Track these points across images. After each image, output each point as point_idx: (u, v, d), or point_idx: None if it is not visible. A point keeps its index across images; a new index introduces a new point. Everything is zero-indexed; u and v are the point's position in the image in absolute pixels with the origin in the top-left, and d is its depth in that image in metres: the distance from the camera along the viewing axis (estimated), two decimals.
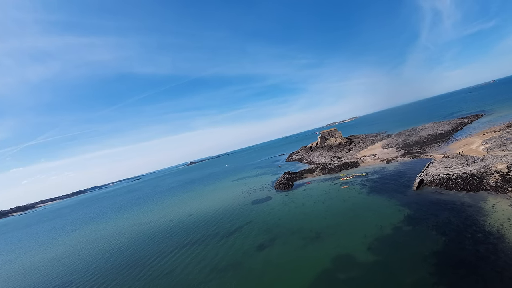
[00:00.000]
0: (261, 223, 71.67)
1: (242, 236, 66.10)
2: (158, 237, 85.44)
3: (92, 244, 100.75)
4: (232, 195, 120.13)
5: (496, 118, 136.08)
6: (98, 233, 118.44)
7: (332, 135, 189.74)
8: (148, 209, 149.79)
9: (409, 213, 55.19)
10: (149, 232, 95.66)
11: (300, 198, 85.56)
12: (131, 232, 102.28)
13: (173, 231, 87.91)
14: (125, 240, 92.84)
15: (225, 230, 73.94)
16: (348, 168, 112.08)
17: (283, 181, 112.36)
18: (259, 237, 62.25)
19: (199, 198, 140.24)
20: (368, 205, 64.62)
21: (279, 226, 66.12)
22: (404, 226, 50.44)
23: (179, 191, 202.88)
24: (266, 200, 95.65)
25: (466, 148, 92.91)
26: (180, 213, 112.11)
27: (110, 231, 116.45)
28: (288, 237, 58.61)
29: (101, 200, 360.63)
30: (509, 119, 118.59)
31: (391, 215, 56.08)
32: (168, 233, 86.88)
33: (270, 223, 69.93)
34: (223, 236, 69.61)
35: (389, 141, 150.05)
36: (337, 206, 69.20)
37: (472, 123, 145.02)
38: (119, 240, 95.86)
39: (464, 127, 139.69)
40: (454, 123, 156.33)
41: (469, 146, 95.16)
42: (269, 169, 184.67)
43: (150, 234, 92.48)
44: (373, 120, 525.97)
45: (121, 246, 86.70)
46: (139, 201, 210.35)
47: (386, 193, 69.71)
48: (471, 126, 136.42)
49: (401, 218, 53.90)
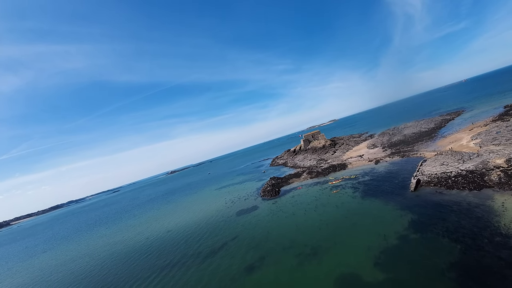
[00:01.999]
0: (249, 238, 63.67)
1: (228, 255, 57.83)
2: (133, 259, 75.45)
3: (61, 267, 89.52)
4: (214, 206, 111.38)
5: (478, 113, 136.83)
6: (69, 254, 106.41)
7: (315, 137, 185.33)
8: (123, 225, 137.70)
9: (413, 218, 49.58)
10: (123, 252, 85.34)
11: (289, 206, 78.50)
12: (104, 253, 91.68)
13: (150, 250, 78.22)
14: (96, 263, 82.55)
15: (208, 248, 65.28)
16: (336, 170, 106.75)
17: (269, 188, 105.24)
18: (248, 256, 54.26)
19: (178, 210, 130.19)
20: (365, 211, 58.64)
21: (269, 240, 58.49)
22: (411, 234, 44.61)
23: (158, 203, 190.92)
24: (252, 210, 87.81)
25: (455, 145, 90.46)
26: (157, 229, 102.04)
27: (82, 252, 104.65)
28: (280, 254, 51.13)
29: (77, 215, 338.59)
30: (492, 114, 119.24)
31: (393, 222, 50.23)
32: (144, 254, 77.08)
33: (258, 237, 62.08)
34: (206, 255, 60.98)
35: (373, 141, 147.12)
36: (331, 214, 62.73)
37: (454, 119, 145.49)
38: (90, 262, 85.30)
39: (447, 124, 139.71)
40: (436, 121, 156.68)
41: (458, 142, 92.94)
42: (253, 175, 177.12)
43: (124, 255, 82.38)
44: (353, 122, 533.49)
45: (92, 270, 76.50)
46: (115, 215, 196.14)
47: (382, 196, 64.21)
48: (454, 122, 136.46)
49: (405, 224, 48.14)
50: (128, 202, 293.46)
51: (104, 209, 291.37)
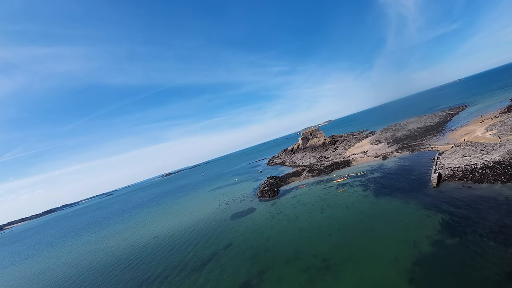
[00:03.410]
0: (244, 246, 53.47)
1: (219, 268, 47.53)
2: (112, 270, 65.48)
3: (38, 277, 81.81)
4: (207, 209, 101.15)
5: (484, 107, 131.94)
6: (49, 262, 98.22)
7: (314, 135, 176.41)
8: (109, 231, 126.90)
9: (444, 218, 40.56)
10: (103, 262, 76.03)
11: (291, 208, 68.56)
12: (84, 262, 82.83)
13: (132, 260, 68.04)
14: (73, 273, 74.11)
15: (196, 259, 54.89)
16: (340, 168, 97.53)
17: (266, 188, 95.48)
18: (242, 270, 43.97)
19: (168, 214, 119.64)
20: (382, 212, 49.29)
21: (269, 250, 48.35)
22: (447, 239, 35.54)
23: (148, 206, 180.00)
24: (249, 212, 77.69)
25: (469, 137, 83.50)
26: (144, 235, 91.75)
27: (62, 260, 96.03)
28: (284, 268, 41.03)
29: (68, 219, 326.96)
30: (499, 107, 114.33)
31: (421, 224, 41.02)
32: (126, 264, 67.04)
33: (256, 245, 51.88)
34: (193, 268, 50.64)
35: (376, 137, 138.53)
36: (342, 216, 53.01)
37: (459, 113, 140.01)
38: (67, 272, 76.77)
39: (452, 118, 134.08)
40: (440, 115, 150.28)
41: (472, 134, 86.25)
42: (249, 176, 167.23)
43: (103, 265, 73.20)
44: (348, 121, 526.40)
45: (67, 281, 68.31)
46: (103, 220, 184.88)
47: (399, 194, 55.07)
48: (460, 116, 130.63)
49: (437, 226, 39.05)
50: (120, 205, 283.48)
51: (95, 213, 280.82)
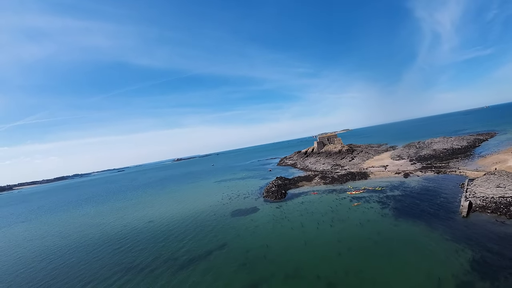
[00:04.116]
0: (240, 250, 48.14)
1: (209, 269, 42.40)
2: (100, 250, 62.19)
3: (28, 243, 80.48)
4: (209, 200, 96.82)
5: None
6: (43, 229, 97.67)
7: (331, 141, 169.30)
8: (109, 207, 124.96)
9: (475, 257, 34.43)
10: (94, 238, 73.49)
11: (297, 215, 62.78)
12: (76, 235, 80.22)
13: (122, 243, 64.49)
14: (62, 245, 71.96)
15: (188, 254, 50.12)
16: (356, 179, 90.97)
17: (273, 188, 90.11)
18: (236, 279, 38.49)
19: (169, 199, 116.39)
20: (402, 237, 43.17)
21: (267, 259, 42.86)
22: (478, 282, 29.62)
23: (152, 187, 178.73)
24: (251, 212, 72.41)
25: (501, 166, 76.74)
26: (140, 217, 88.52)
27: (57, 228, 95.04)
28: (281, 284, 35.49)
29: (76, 188, 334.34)
30: None
31: (447, 259, 34.92)
32: (115, 245, 63.68)
33: (253, 252, 46.45)
34: (182, 265, 45.66)
35: (398, 152, 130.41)
36: (354, 234, 46.97)
37: (489, 140, 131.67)
38: (57, 243, 74.54)
39: (481, 143, 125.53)
40: (468, 139, 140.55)
41: (504, 163, 79.64)
42: (257, 173, 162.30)
43: (94, 241, 70.57)
44: (367, 133, 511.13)
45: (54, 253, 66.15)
46: (107, 194, 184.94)
47: (423, 219, 48.69)
48: (489, 143, 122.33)
49: (466, 264, 33.00)
50: (126, 182, 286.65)
51: (102, 187, 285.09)
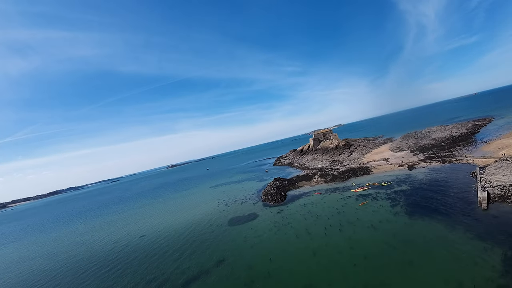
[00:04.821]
0: (241, 265, 42.43)
1: None
2: (88, 272, 56.77)
3: (15, 265, 75.93)
4: (204, 209, 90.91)
5: None
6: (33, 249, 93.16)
7: (327, 137, 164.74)
8: (100, 221, 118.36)
9: (507, 254, 29.98)
10: (83, 258, 68.19)
11: (301, 220, 57.44)
12: (64, 255, 75.35)
13: (111, 263, 58.65)
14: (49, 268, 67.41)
15: (179, 274, 44.13)
16: (358, 175, 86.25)
17: (272, 191, 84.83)
18: None
19: (162, 210, 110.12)
20: (421, 239, 38.23)
21: (271, 276, 37.12)
22: None
23: (145, 197, 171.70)
24: (250, 219, 66.73)
25: (509, 151, 73.53)
26: (131, 232, 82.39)
27: (46, 248, 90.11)
28: None
29: (69, 202, 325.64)
30: None
31: (476, 260, 30.52)
32: (104, 265, 58.12)
33: (255, 268, 40.67)
34: None
35: (397, 144, 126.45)
36: (367, 240, 41.70)
37: (487, 126, 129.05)
38: (44, 265, 70.52)
39: (480, 129, 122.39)
40: (467, 126, 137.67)
41: (509, 148, 76.53)
42: (254, 174, 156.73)
43: (82, 262, 65.21)
44: (361, 127, 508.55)
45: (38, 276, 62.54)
46: (99, 208, 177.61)
47: (440, 215, 43.94)
48: (489, 128, 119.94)
49: (498, 266, 28.92)
50: (120, 193, 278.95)
51: (95, 199, 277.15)
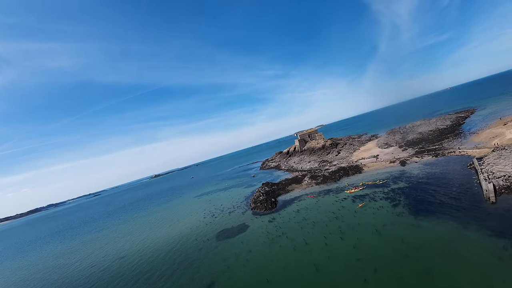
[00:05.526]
0: None
1: None
2: None
3: None
4: (190, 221, 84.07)
5: (496, 111, 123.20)
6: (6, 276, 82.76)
7: (312, 137, 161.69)
8: (78, 241, 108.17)
9: None
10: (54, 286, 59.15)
11: (296, 228, 52.24)
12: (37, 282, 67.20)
13: None
14: None
15: None
16: (349, 174, 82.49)
17: (261, 197, 79.42)
18: None
19: (143, 225, 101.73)
20: (432, 241, 34.13)
21: None
22: None
23: (126, 212, 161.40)
24: (240, 231, 60.63)
25: (501, 140, 72.79)
26: (110, 253, 74.52)
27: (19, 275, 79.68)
28: None
29: (49, 220, 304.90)
30: None
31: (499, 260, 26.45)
32: None
33: None
34: None
35: (384, 140, 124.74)
36: (374, 247, 37.01)
37: (471, 117, 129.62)
38: None
39: (465, 121, 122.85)
40: (451, 118, 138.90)
41: (503, 137, 75.88)
42: (240, 180, 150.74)
43: None
44: (343, 126, 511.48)
45: None
46: (78, 226, 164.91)
47: (446, 213, 40.30)
48: (473, 119, 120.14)
49: None
50: (100, 208, 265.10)
51: (74, 216, 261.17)
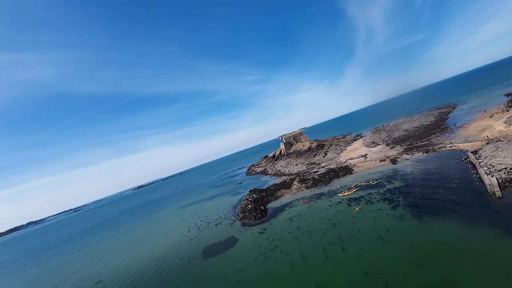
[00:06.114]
0: None
1: None
2: None
3: None
4: (173, 237, 77.44)
5: (480, 104, 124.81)
6: None
7: (298, 139, 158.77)
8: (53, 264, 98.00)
9: None
10: None
11: (291, 239, 47.27)
12: None
13: None
14: None
15: None
16: (340, 176, 78.90)
17: (250, 206, 74.13)
18: None
19: (123, 242, 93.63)
20: (444, 245, 30.57)
21: None
22: None
23: (107, 228, 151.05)
24: (228, 246, 54.97)
25: (491, 132, 72.27)
26: (86, 277, 66.83)
27: None
28: None
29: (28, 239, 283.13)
30: (498, 102, 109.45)
31: None
32: None
33: None
34: None
35: (370, 139, 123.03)
36: (381, 257, 32.74)
37: (453, 112, 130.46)
38: None
39: (448, 116, 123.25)
40: (434, 114, 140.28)
41: (492, 129, 75.50)
42: (226, 188, 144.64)
43: None
44: (325, 127, 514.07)
45: None
46: (56, 245, 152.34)
47: (452, 212, 37.25)
48: (456, 114, 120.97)
49: None
50: (80, 225, 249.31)
51: (53, 234, 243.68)
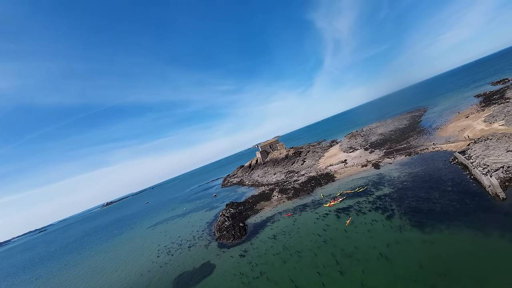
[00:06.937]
0: None
1: None
2: None
3: None
4: (141, 263, 67.18)
5: (448, 107, 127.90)
6: None
7: (274, 147, 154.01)
8: None
9: None
10: None
11: (278, 264, 40.20)
12: None
13: None
14: None
15: None
16: (322, 184, 73.90)
17: (227, 223, 66.39)
18: None
19: (85, 270, 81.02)
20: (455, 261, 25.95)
21: None
22: None
23: (69, 252, 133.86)
24: (204, 274, 46.63)
25: (472, 132, 71.82)
26: None
27: None
28: None
29: None
30: (471, 103, 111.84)
31: None
32: None
33: None
34: None
35: (347, 144, 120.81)
36: (389, 281, 27.08)
37: (425, 114, 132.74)
38: None
39: (421, 119, 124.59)
40: (406, 117, 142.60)
41: (472, 128, 75.16)
42: (200, 202, 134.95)
43: None
44: (299, 135, 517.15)
45: None
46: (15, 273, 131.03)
47: (455, 219, 33.27)
48: (429, 116, 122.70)
49: None
50: (42, 248, 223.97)
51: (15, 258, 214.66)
